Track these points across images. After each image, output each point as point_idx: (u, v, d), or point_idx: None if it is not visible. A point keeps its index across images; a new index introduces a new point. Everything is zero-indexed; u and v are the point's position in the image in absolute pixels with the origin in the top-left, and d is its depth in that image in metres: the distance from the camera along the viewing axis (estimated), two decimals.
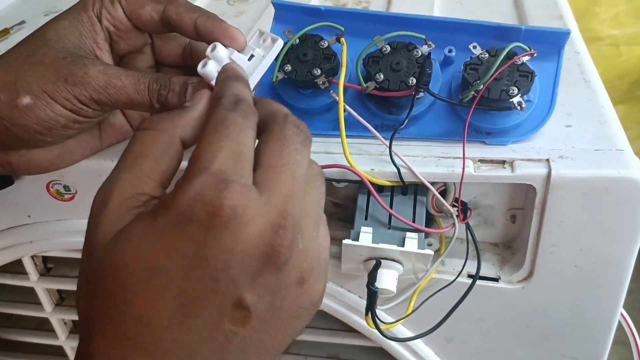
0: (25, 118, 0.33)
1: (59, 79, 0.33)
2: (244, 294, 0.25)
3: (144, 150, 0.28)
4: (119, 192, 0.27)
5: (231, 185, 0.25)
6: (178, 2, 0.36)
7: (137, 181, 0.27)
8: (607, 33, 1.24)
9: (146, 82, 0.34)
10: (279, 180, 0.27)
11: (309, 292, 0.28)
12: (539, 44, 0.37)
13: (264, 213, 0.26)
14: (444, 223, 0.41)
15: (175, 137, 0.29)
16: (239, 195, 0.25)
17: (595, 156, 0.37)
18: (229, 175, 0.26)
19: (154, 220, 0.26)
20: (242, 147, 0.27)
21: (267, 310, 0.26)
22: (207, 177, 0.25)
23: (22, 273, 0.52)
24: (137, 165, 0.28)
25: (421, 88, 0.37)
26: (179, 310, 0.25)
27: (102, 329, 0.25)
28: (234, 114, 0.28)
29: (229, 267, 0.25)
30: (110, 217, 0.27)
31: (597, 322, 0.42)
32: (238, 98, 0.29)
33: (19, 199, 0.45)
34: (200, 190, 0.25)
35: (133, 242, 0.26)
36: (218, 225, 0.25)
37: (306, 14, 0.42)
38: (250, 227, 0.25)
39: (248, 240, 0.25)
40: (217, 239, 0.25)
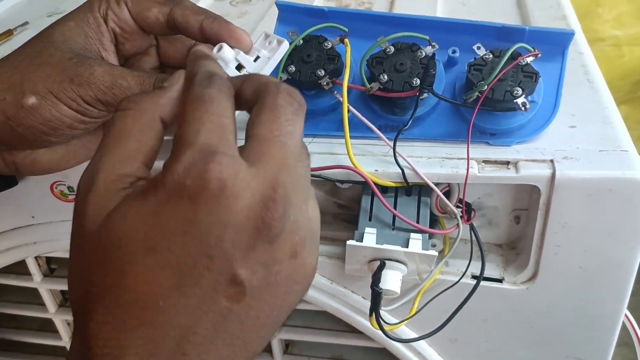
0: (30, 118, 0.33)
1: (64, 79, 0.33)
2: (237, 270, 0.25)
3: (125, 130, 0.28)
4: (104, 175, 0.27)
5: (218, 156, 0.25)
6: (184, 4, 0.36)
7: (121, 163, 0.27)
8: (610, 34, 1.24)
9: (152, 82, 0.34)
10: (269, 153, 0.26)
11: (302, 265, 0.28)
12: (543, 45, 0.37)
13: (253, 185, 0.25)
14: (448, 224, 0.41)
15: (156, 117, 0.29)
16: (226, 166, 0.25)
17: (600, 157, 0.37)
18: (215, 148, 0.25)
19: (145, 199, 0.25)
20: (224, 119, 0.27)
21: (261, 286, 0.26)
22: (193, 152, 0.25)
23: (25, 274, 0.53)
24: (120, 146, 0.27)
25: (425, 89, 0.37)
26: (174, 290, 0.25)
27: (97, 314, 0.25)
28: (209, 89, 0.28)
29: (221, 241, 0.25)
30: (97, 200, 0.26)
31: (601, 323, 0.42)
32: (210, 73, 0.29)
33: (23, 200, 0.45)
34: (188, 165, 0.25)
35: (125, 222, 0.25)
36: (208, 198, 0.24)
37: (310, 15, 0.42)
38: (240, 200, 0.25)
39: (239, 212, 0.25)
40: (208, 213, 0.24)
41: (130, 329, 0.24)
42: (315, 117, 0.42)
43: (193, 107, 0.27)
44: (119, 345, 0.24)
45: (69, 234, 0.46)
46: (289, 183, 0.26)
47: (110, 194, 0.26)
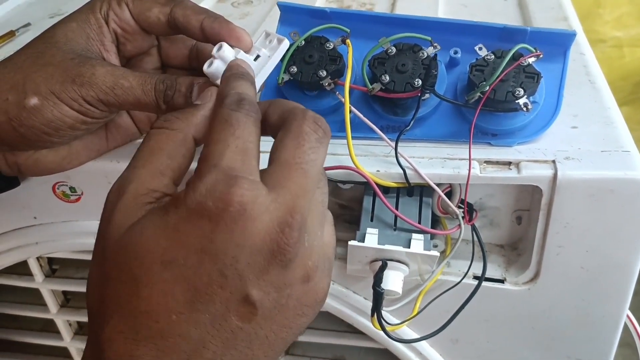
0: (32, 119, 0.33)
1: (66, 79, 0.33)
2: (250, 290, 0.26)
3: (158, 147, 0.29)
4: (133, 187, 0.28)
5: (240, 181, 0.26)
6: (185, 4, 0.36)
7: (151, 177, 0.28)
8: (611, 35, 1.24)
9: (153, 82, 0.34)
10: (290, 179, 0.27)
11: (313, 290, 0.28)
12: (544, 46, 0.37)
13: (271, 210, 0.26)
14: (449, 224, 0.41)
15: (188, 135, 0.30)
16: (247, 191, 0.25)
17: (602, 157, 0.37)
18: (238, 172, 0.26)
19: (166, 215, 0.26)
20: (248, 144, 0.28)
21: (272, 307, 0.27)
22: (216, 174, 0.26)
23: (27, 274, 0.53)
24: (152, 162, 0.29)
25: (427, 89, 0.37)
26: (188, 305, 0.25)
27: (112, 322, 0.26)
28: (237, 113, 0.29)
29: (237, 262, 0.25)
30: (123, 211, 0.27)
31: (603, 323, 0.42)
32: (241, 97, 0.30)
33: (25, 201, 0.45)
34: (211, 186, 0.25)
35: (146, 235, 0.26)
36: (227, 219, 0.25)
37: (312, 16, 0.42)
38: (258, 223, 0.26)
39: (256, 235, 0.26)
40: (226, 233, 0.25)
41: (142, 339, 0.25)
42: None
43: (220, 128, 0.28)
44: (130, 354, 0.25)
45: (71, 235, 0.46)
46: (307, 209, 0.27)
47: (137, 206, 0.27)
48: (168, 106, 0.34)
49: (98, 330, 0.26)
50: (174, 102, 0.34)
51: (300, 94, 0.41)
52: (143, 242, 0.26)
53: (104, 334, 0.26)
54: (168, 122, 0.30)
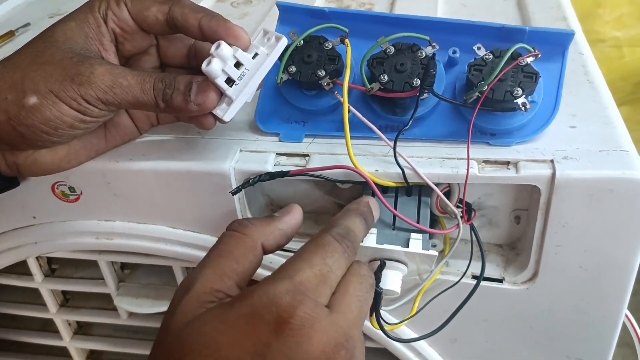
0: (31, 118, 0.33)
1: (65, 78, 0.33)
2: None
3: (227, 250, 0.31)
4: (199, 285, 0.29)
5: (307, 299, 0.27)
6: (183, 3, 0.37)
7: (217, 278, 0.29)
8: (611, 35, 1.24)
9: (151, 81, 0.34)
10: (349, 306, 0.29)
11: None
12: (543, 45, 0.37)
13: (329, 331, 0.27)
14: (448, 224, 0.41)
15: (258, 243, 0.31)
16: (311, 309, 0.27)
17: (600, 157, 0.37)
18: (309, 292, 0.27)
19: (228, 309, 0.27)
20: (331, 273, 0.29)
21: None
22: (288, 285, 0.27)
23: (27, 274, 0.53)
24: (219, 264, 0.30)
25: (425, 89, 0.37)
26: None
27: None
28: (336, 244, 0.30)
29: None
30: (186, 306, 0.28)
31: (601, 323, 0.42)
32: (348, 232, 0.32)
33: (24, 200, 0.45)
34: (279, 294, 0.27)
35: (203, 330, 0.27)
36: (286, 331, 0.26)
37: (310, 16, 0.42)
38: (315, 341, 0.26)
39: (310, 352, 0.26)
40: (282, 343, 0.26)
41: None
42: (315, 118, 0.42)
43: (313, 249, 0.30)
44: None
45: (70, 234, 0.47)
46: (358, 340, 0.29)
47: (199, 304, 0.28)
48: (167, 104, 0.34)
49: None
50: (172, 101, 0.34)
51: (299, 93, 0.41)
52: (199, 337, 0.27)
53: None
54: (241, 227, 0.32)
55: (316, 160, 0.39)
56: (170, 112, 0.35)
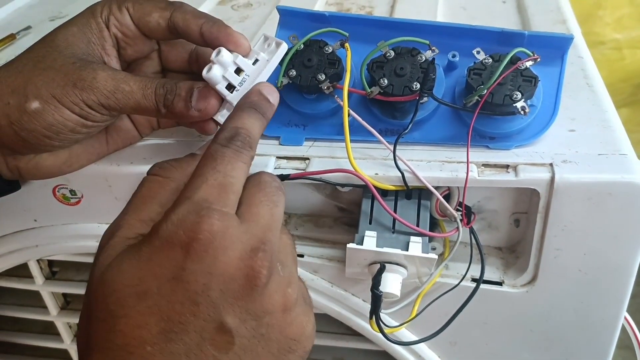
0: (34, 123, 0.34)
1: (67, 83, 0.33)
2: (224, 317, 0.26)
3: (150, 195, 0.30)
4: (123, 231, 0.29)
5: (211, 212, 0.27)
6: (185, 9, 0.37)
7: (141, 223, 0.29)
8: (611, 37, 1.24)
9: (153, 86, 0.34)
10: (259, 213, 0.28)
11: (297, 322, 0.29)
12: (542, 49, 0.37)
13: (243, 239, 0.27)
14: (447, 227, 0.42)
15: (181, 185, 0.31)
16: (218, 221, 0.26)
17: (599, 160, 0.37)
18: (211, 204, 0.27)
19: (140, 247, 0.27)
20: (229, 178, 0.29)
21: (251, 337, 0.27)
22: (189, 205, 0.27)
23: (28, 277, 0.53)
24: (143, 209, 0.30)
25: (425, 93, 0.37)
26: (162, 336, 0.25)
27: (95, 357, 0.26)
28: (224, 149, 0.29)
29: (208, 289, 0.26)
30: (109, 250, 0.28)
31: (601, 325, 0.42)
32: (236, 132, 0.31)
33: (25, 204, 0.45)
34: (182, 217, 0.26)
35: (121, 269, 0.27)
36: (197, 248, 0.26)
37: (311, 20, 0.42)
38: (230, 251, 0.26)
39: (227, 263, 0.26)
40: (196, 262, 0.26)
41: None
42: (316, 121, 0.42)
43: (203, 163, 0.29)
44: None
45: (71, 237, 0.47)
46: (276, 242, 0.28)
47: (121, 248, 0.28)
48: (168, 110, 0.35)
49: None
50: (174, 106, 0.34)
51: (299, 97, 0.41)
52: (118, 277, 0.27)
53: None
54: (162, 170, 0.31)
55: (316, 163, 0.39)
56: (171, 117, 0.35)
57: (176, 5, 0.37)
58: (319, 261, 0.43)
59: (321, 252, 0.43)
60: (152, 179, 0.31)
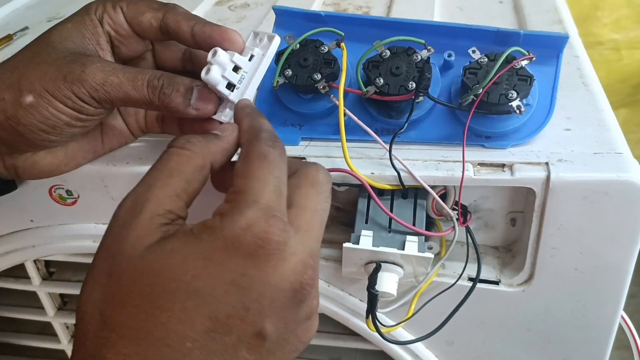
0: (29, 116, 0.34)
1: (58, 77, 0.33)
2: (265, 325, 0.26)
3: (177, 169, 0.29)
4: (152, 207, 0.27)
5: (277, 221, 0.27)
6: (177, 10, 0.37)
7: (169, 199, 0.28)
8: (609, 37, 1.24)
9: (145, 78, 0.34)
10: (312, 223, 0.29)
11: (311, 327, 0.30)
12: (537, 49, 0.37)
13: (298, 252, 0.27)
14: (444, 226, 0.42)
15: (207, 162, 0.30)
16: (283, 231, 0.27)
17: (595, 159, 0.37)
18: (276, 212, 0.27)
19: (198, 241, 0.26)
20: (282, 185, 0.29)
21: (277, 342, 0.27)
22: (257, 211, 0.27)
23: (24, 277, 0.53)
24: (170, 183, 0.28)
25: (421, 92, 0.37)
26: (205, 334, 0.25)
27: (118, 346, 0.25)
28: (274, 151, 0.29)
29: (262, 297, 0.26)
30: (140, 230, 0.27)
31: (597, 324, 0.43)
32: (274, 135, 0.31)
33: (22, 204, 0.45)
34: (251, 222, 0.26)
35: (173, 260, 0.26)
36: (262, 257, 0.26)
37: (307, 20, 0.42)
38: (287, 263, 0.27)
39: (283, 275, 0.27)
40: (258, 270, 0.26)
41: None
42: (312, 121, 0.42)
43: (259, 164, 0.29)
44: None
45: (68, 238, 0.47)
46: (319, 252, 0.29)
47: (153, 227, 0.27)
48: (162, 103, 0.34)
49: (97, 354, 0.25)
50: (170, 101, 0.34)
51: (295, 97, 0.41)
52: (168, 268, 0.26)
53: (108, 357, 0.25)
54: (190, 144, 0.30)
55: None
56: (165, 111, 0.35)
57: (169, 6, 0.37)
58: None
59: None
60: (179, 152, 0.29)
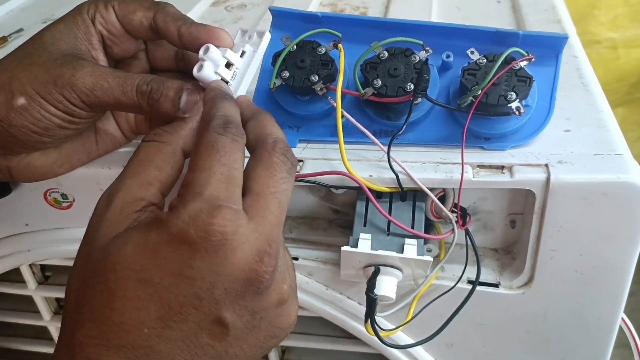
0: (21, 118, 0.33)
1: (49, 80, 0.33)
2: (224, 313, 0.27)
3: (146, 159, 0.30)
4: (122, 195, 0.29)
5: (223, 211, 0.26)
6: (166, 10, 0.36)
7: (139, 187, 0.29)
8: (606, 36, 1.24)
9: (134, 83, 0.34)
10: (267, 209, 0.28)
11: (286, 313, 0.30)
12: (536, 49, 0.37)
13: (251, 240, 0.27)
14: (443, 229, 0.41)
15: (177, 148, 0.31)
16: (229, 221, 0.26)
17: (594, 161, 0.37)
18: (222, 201, 0.27)
19: (147, 234, 0.27)
20: (233, 171, 0.28)
21: (244, 328, 0.28)
22: (200, 203, 0.27)
23: (20, 281, 0.52)
24: (141, 172, 0.30)
25: (419, 94, 0.37)
26: (160, 321, 0.26)
27: (85, 328, 0.26)
28: (223, 138, 0.29)
29: (213, 287, 0.26)
30: (110, 220, 0.28)
31: (598, 326, 0.42)
32: (227, 120, 0.30)
33: (16, 208, 0.45)
34: (194, 215, 0.26)
35: (125, 250, 0.27)
36: (208, 249, 0.26)
37: (303, 21, 0.42)
38: (238, 253, 0.27)
39: (235, 264, 0.27)
40: (206, 261, 0.26)
41: (113, 347, 0.26)
42: (309, 123, 0.41)
43: (205, 154, 0.29)
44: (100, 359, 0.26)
45: (63, 241, 0.46)
46: (280, 238, 0.29)
47: (124, 216, 0.28)
48: (152, 109, 0.34)
49: (70, 334, 0.27)
50: (159, 106, 0.34)
51: (292, 98, 0.41)
52: (121, 257, 0.27)
53: (76, 338, 0.26)
54: (157, 136, 0.31)
55: (310, 165, 0.39)
56: (155, 116, 0.35)
57: (160, 5, 0.37)
58: (313, 264, 0.43)
59: (316, 254, 0.43)
60: (149, 144, 0.31)
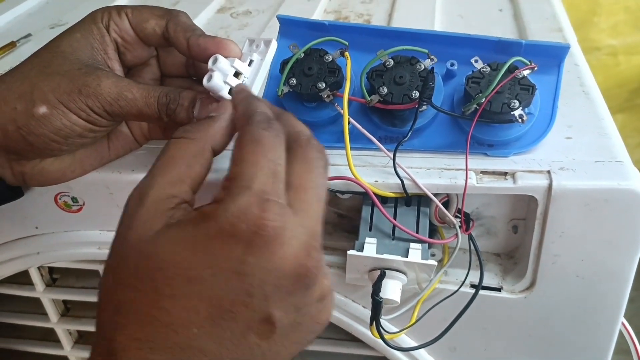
0: (42, 127, 0.34)
1: (73, 89, 0.34)
2: (272, 310, 0.26)
3: (177, 155, 0.30)
4: (154, 193, 0.28)
5: (272, 205, 0.26)
6: (178, 20, 0.37)
7: (171, 184, 0.29)
8: (606, 43, 1.25)
9: (156, 95, 0.35)
10: (309, 202, 0.28)
11: (325, 308, 0.29)
12: (539, 58, 0.38)
13: (298, 235, 0.27)
14: (447, 234, 0.42)
15: (207, 146, 0.31)
16: (279, 215, 0.26)
17: (596, 168, 0.37)
18: (269, 195, 0.27)
19: (195, 229, 0.27)
20: (277, 166, 0.28)
21: (289, 326, 0.27)
22: (250, 197, 0.26)
23: (28, 284, 0.53)
24: (171, 169, 0.29)
25: (424, 101, 0.38)
26: (210, 320, 0.26)
27: (128, 330, 0.26)
28: (267, 133, 0.29)
29: (264, 284, 0.26)
30: (146, 217, 0.28)
31: (598, 330, 0.43)
32: (268, 117, 0.31)
33: (27, 211, 0.45)
34: (244, 209, 0.26)
35: (172, 247, 0.26)
36: (259, 244, 0.26)
37: (311, 29, 0.43)
38: (287, 248, 0.26)
39: (284, 259, 0.26)
40: (257, 257, 0.26)
41: (159, 349, 0.25)
42: (316, 129, 0.42)
43: (251, 149, 0.28)
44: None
45: (73, 244, 0.47)
46: (321, 233, 0.28)
47: (158, 212, 0.28)
48: (170, 119, 0.35)
49: (111, 337, 0.26)
50: (176, 116, 0.35)
51: (300, 105, 0.41)
52: (168, 255, 0.26)
53: (118, 342, 0.26)
54: (187, 132, 0.31)
55: None
56: (173, 126, 0.36)
57: (173, 14, 0.38)
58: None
59: None
60: (177, 140, 0.31)
